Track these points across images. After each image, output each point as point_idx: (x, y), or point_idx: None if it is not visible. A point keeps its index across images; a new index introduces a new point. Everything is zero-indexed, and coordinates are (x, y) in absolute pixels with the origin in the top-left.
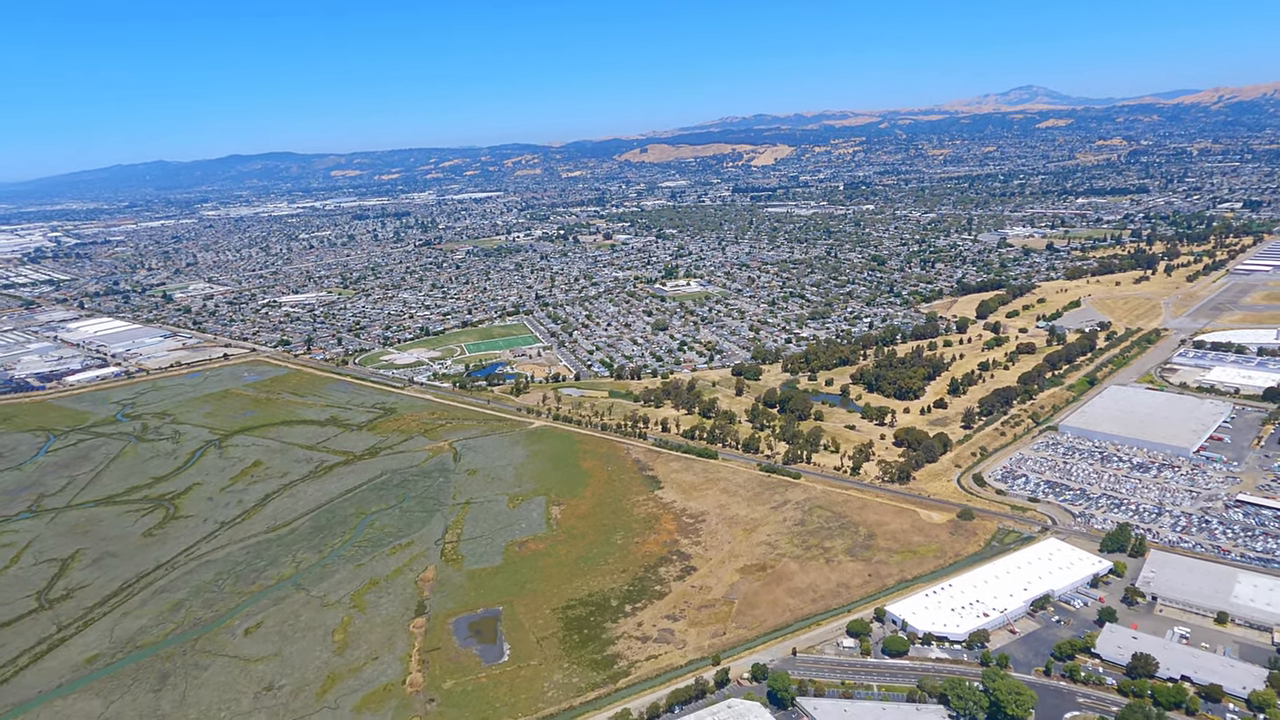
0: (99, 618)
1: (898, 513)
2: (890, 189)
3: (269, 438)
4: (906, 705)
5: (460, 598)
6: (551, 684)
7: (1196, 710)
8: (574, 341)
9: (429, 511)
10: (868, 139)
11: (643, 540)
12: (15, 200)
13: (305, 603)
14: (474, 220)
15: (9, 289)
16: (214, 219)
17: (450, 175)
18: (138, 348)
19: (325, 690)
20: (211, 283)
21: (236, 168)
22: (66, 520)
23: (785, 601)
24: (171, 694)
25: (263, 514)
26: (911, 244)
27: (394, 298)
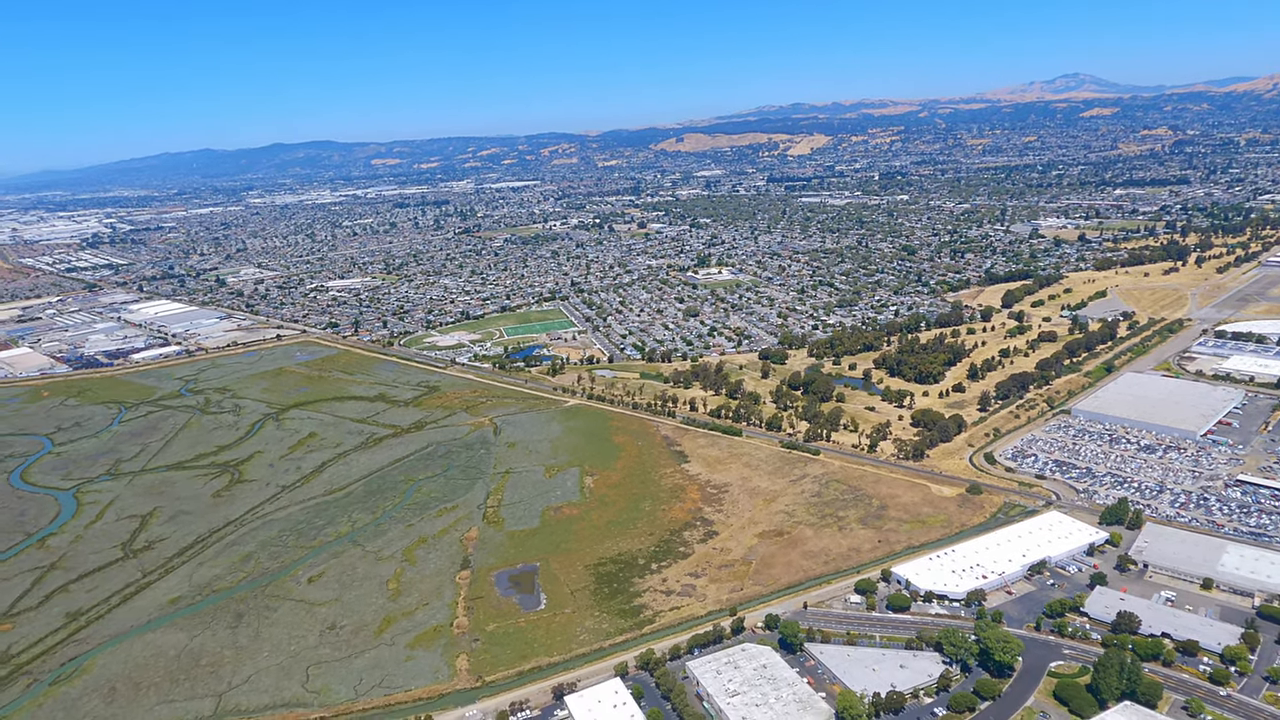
0: (178, 566)
1: (910, 487)
2: (926, 179)
3: (322, 412)
4: (905, 652)
5: (501, 554)
6: (583, 629)
7: (1172, 662)
8: (608, 326)
9: (471, 479)
10: (906, 128)
11: (669, 508)
12: (69, 187)
13: (361, 556)
14: (511, 209)
15: (72, 272)
16: (260, 206)
17: (488, 164)
18: (196, 328)
19: (382, 630)
20: (261, 268)
21: (280, 156)
22: (143, 482)
23: (799, 563)
24: (246, 630)
25: (320, 479)
26: (943, 234)
27: (435, 283)
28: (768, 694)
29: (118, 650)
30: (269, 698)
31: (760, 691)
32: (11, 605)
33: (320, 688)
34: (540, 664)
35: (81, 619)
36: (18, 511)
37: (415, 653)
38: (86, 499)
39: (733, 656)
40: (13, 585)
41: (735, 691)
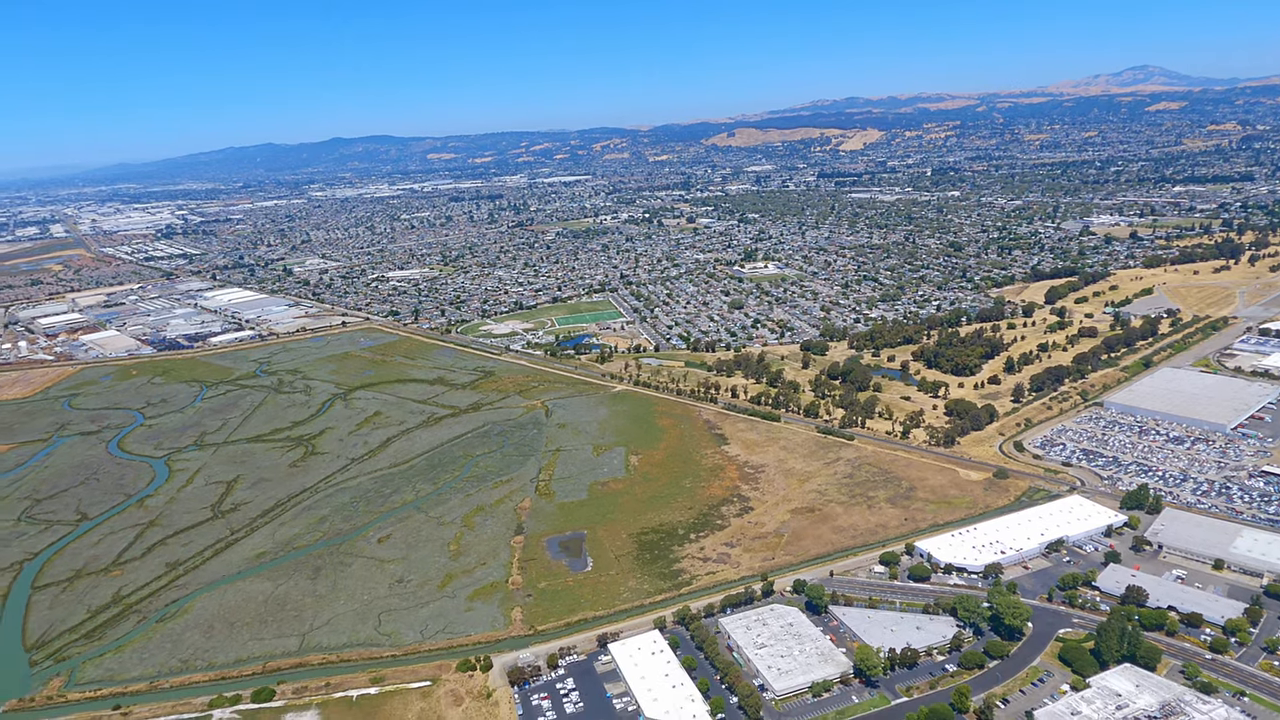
0: (261, 526)
1: (939, 471)
2: (979, 175)
3: (386, 393)
4: (922, 616)
5: (552, 522)
6: (626, 588)
7: (1175, 632)
8: (655, 317)
9: (525, 456)
10: (962, 123)
11: (708, 485)
12: (142, 180)
13: (425, 521)
14: (563, 203)
15: (149, 262)
16: (321, 200)
17: (540, 159)
18: (267, 315)
19: (444, 584)
20: (325, 258)
21: (339, 150)
22: (226, 453)
23: (828, 536)
24: (324, 581)
25: (385, 453)
26: (992, 231)
27: (490, 275)
28: (792, 647)
29: (213, 595)
30: (346, 638)
31: (785, 645)
32: (119, 555)
33: (390, 631)
34: (586, 617)
35: (180, 568)
36: (118, 476)
37: (474, 604)
38: (177, 466)
39: (762, 615)
40: (118, 539)
41: (763, 644)
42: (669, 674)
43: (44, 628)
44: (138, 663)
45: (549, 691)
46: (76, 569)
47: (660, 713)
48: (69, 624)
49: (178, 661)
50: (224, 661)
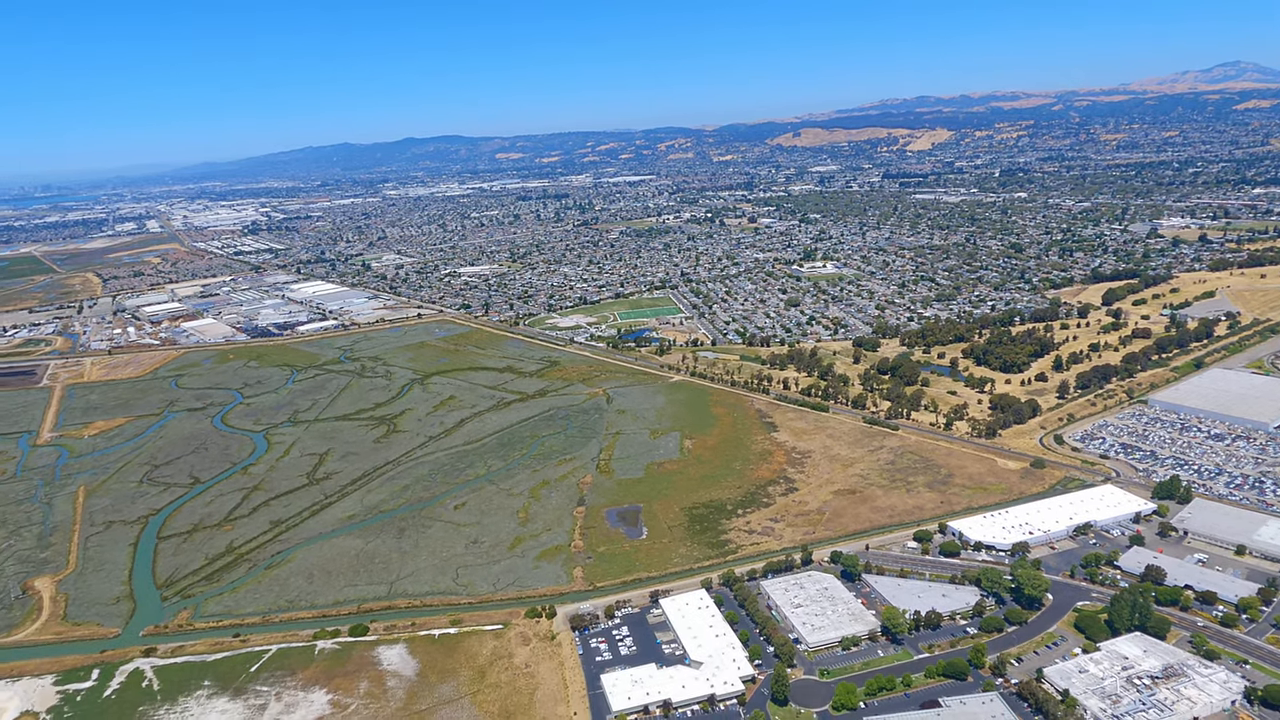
0: (351, 492)
1: (978, 460)
2: (1049, 176)
3: (459, 379)
4: (948, 585)
5: (611, 496)
6: (677, 554)
7: (1189, 607)
8: (712, 313)
9: (587, 438)
10: (1036, 122)
11: (757, 467)
12: (226, 178)
13: (496, 492)
14: (627, 203)
15: (238, 256)
16: (395, 198)
17: (605, 158)
18: (348, 306)
19: (514, 546)
20: (400, 254)
21: (411, 150)
22: (317, 429)
23: (867, 515)
24: (408, 540)
25: (459, 433)
26: (1056, 233)
27: (556, 271)
28: (826, 608)
29: (311, 549)
30: (428, 587)
31: (820, 605)
32: (229, 513)
33: (466, 582)
34: (640, 577)
35: (282, 526)
36: (224, 446)
37: (540, 564)
38: (275, 439)
39: (800, 580)
40: (228, 500)
41: (799, 604)
42: (713, 625)
43: (170, 570)
44: (251, 601)
45: (606, 637)
46: (194, 524)
47: (704, 656)
48: (191, 568)
49: (285, 601)
50: (324, 603)
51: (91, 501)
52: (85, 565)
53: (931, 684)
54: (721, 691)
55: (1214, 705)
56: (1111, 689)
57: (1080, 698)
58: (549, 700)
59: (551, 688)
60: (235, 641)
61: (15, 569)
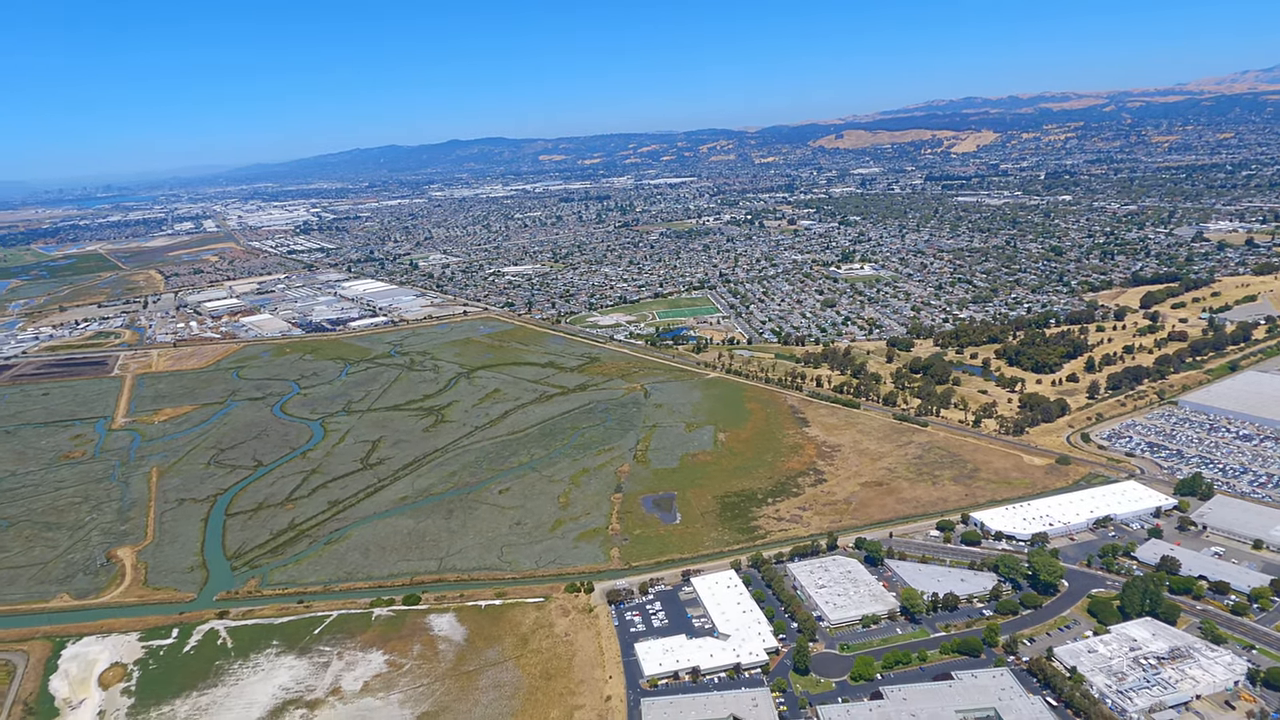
0: (402, 476)
1: (1004, 456)
2: (1096, 179)
3: (503, 373)
4: (967, 571)
5: (647, 484)
6: (709, 538)
7: (1201, 596)
8: (749, 313)
9: (625, 430)
10: (1085, 124)
11: (788, 460)
12: (277, 179)
13: (538, 479)
14: (668, 204)
15: (291, 255)
16: (441, 199)
17: (647, 160)
18: (397, 303)
19: (554, 528)
20: (446, 254)
21: (456, 152)
22: (369, 418)
23: (892, 506)
24: (456, 520)
25: (504, 423)
26: (1098, 236)
27: (597, 271)
28: (848, 589)
29: (366, 527)
30: (475, 563)
31: (842, 587)
32: (290, 493)
33: (510, 560)
34: (673, 557)
35: (339, 506)
36: (283, 433)
37: (579, 544)
38: (330, 427)
39: (824, 563)
40: (289, 481)
41: (823, 585)
42: (740, 602)
43: (238, 544)
44: (312, 572)
45: (640, 610)
46: (258, 502)
47: (731, 629)
48: (257, 542)
49: (343, 573)
50: (379, 575)
51: (164, 481)
52: (161, 537)
53: (946, 659)
54: (746, 661)
55: (1216, 684)
56: (1118, 667)
57: (1087, 674)
58: (586, 665)
59: (589, 654)
60: (299, 607)
61: (99, 539)
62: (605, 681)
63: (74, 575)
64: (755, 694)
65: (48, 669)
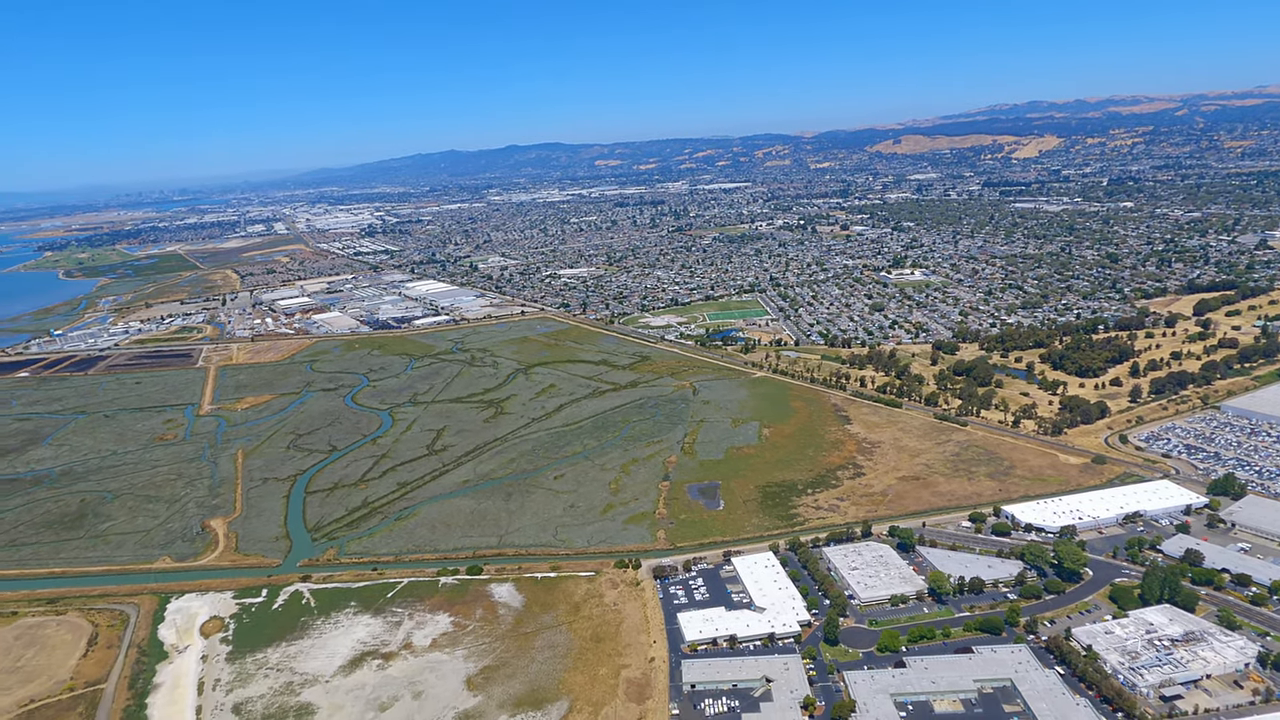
0: (465, 462)
1: (1040, 455)
2: (1161, 185)
3: (559, 370)
4: (995, 558)
5: (692, 474)
6: (749, 524)
7: (1222, 587)
8: (798, 315)
9: (673, 424)
10: (1154, 128)
11: (829, 454)
12: (342, 184)
13: (590, 467)
14: (721, 209)
15: (358, 256)
16: (499, 204)
17: (702, 165)
18: (458, 303)
19: (605, 511)
20: (504, 257)
21: (514, 157)
22: (434, 409)
23: (927, 498)
24: (514, 503)
25: (559, 416)
26: (1158, 243)
27: (650, 274)
28: (879, 571)
29: (432, 506)
30: (531, 540)
31: (874, 569)
32: (362, 475)
33: (564, 538)
34: (715, 540)
35: (407, 487)
36: (355, 421)
37: (628, 526)
38: (398, 416)
39: (858, 548)
40: (361, 464)
41: (855, 567)
42: (776, 581)
43: (317, 518)
44: (385, 544)
45: (683, 585)
46: (334, 482)
47: (767, 603)
48: (334, 517)
49: (412, 545)
50: (445, 548)
51: (249, 462)
52: (249, 511)
53: (968, 636)
54: (780, 631)
55: (1227, 666)
56: (1132, 647)
57: (1102, 652)
58: (632, 631)
59: (635, 621)
60: (373, 574)
61: (195, 511)
62: (649, 645)
63: (173, 541)
64: (787, 659)
65: (156, 619)
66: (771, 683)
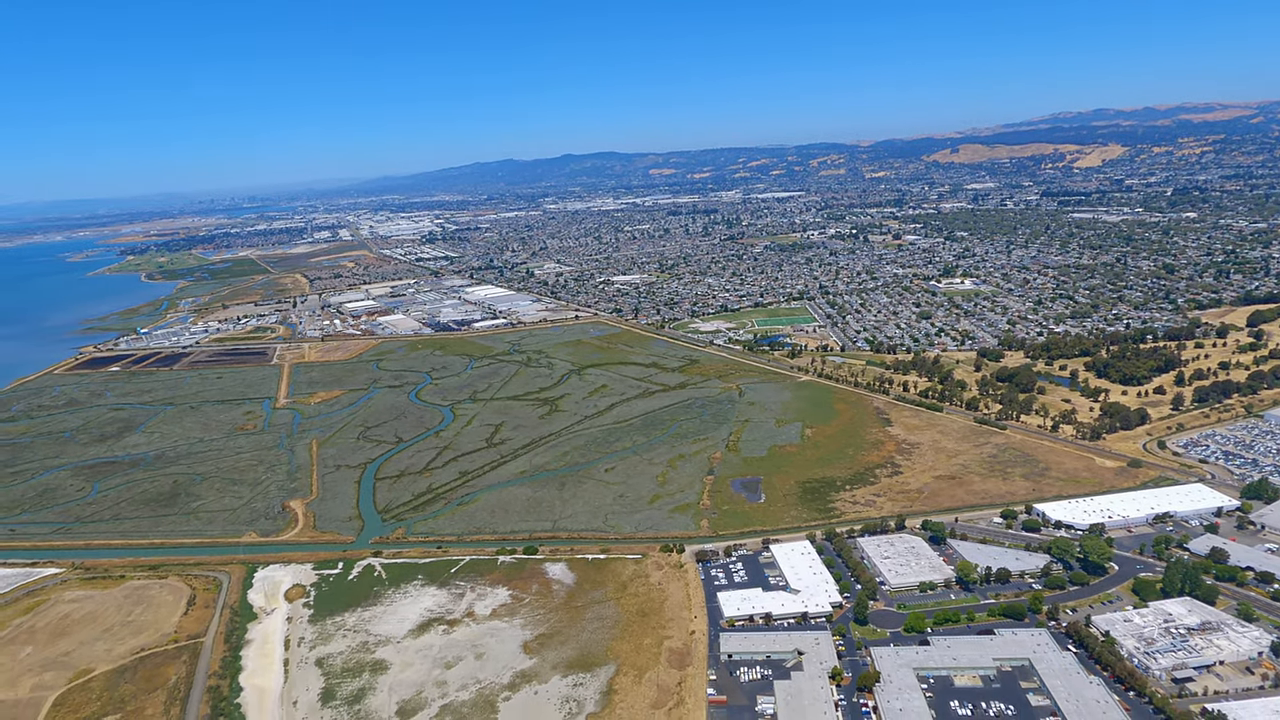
0: (521, 454)
1: (1077, 458)
2: (1228, 195)
3: (610, 371)
4: (1023, 551)
5: (736, 469)
6: (788, 515)
7: (1245, 583)
8: (845, 323)
9: (719, 423)
10: (1226, 136)
11: (868, 454)
12: (402, 191)
13: (639, 461)
14: (774, 218)
15: (419, 262)
16: (554, 212)
17: (756, 174)
18: (515, 307)
19: (652, 501)
20: (559, 263)
21: (569, 166)
22: (492, 406)
23: (961, 496)
24: (567, 491)
25: (610, 414)
26: (1217, 254)
27: (701, 282)
28: (910, 560)
29: (491, 494)
30: (583, 525)
31: (905, 559)
32: (426, 464)
33: (614, 525)
34: (755, 529)
35: (468, 476)
36: (419, 416)
37: (674, 515)
38: (459, 412)
39: (891, 539)
40: (425, 455)
41: (887, 556)
42: (811, 566)
43: (386, 501)
44: (448, 526)
45: (723, 569)
46: (401, 470)
47: (801, 586)
48: (401, 501)
49: (474, 528)
50: (503, 530)
51: (323, 450)
52: (324, 494)
53: (991, 621)
54: (813, 611)
55: (1240, 654)
56: (1149, 634)
57: (1119, 638)
58: (675, 607)
59: (678, 599)
60: (438, 552)
61: (276, 493)
62: (691, 620)
63: (258, 519)
64: (818, 635)
65: (245, 585)
66: (803, 655)
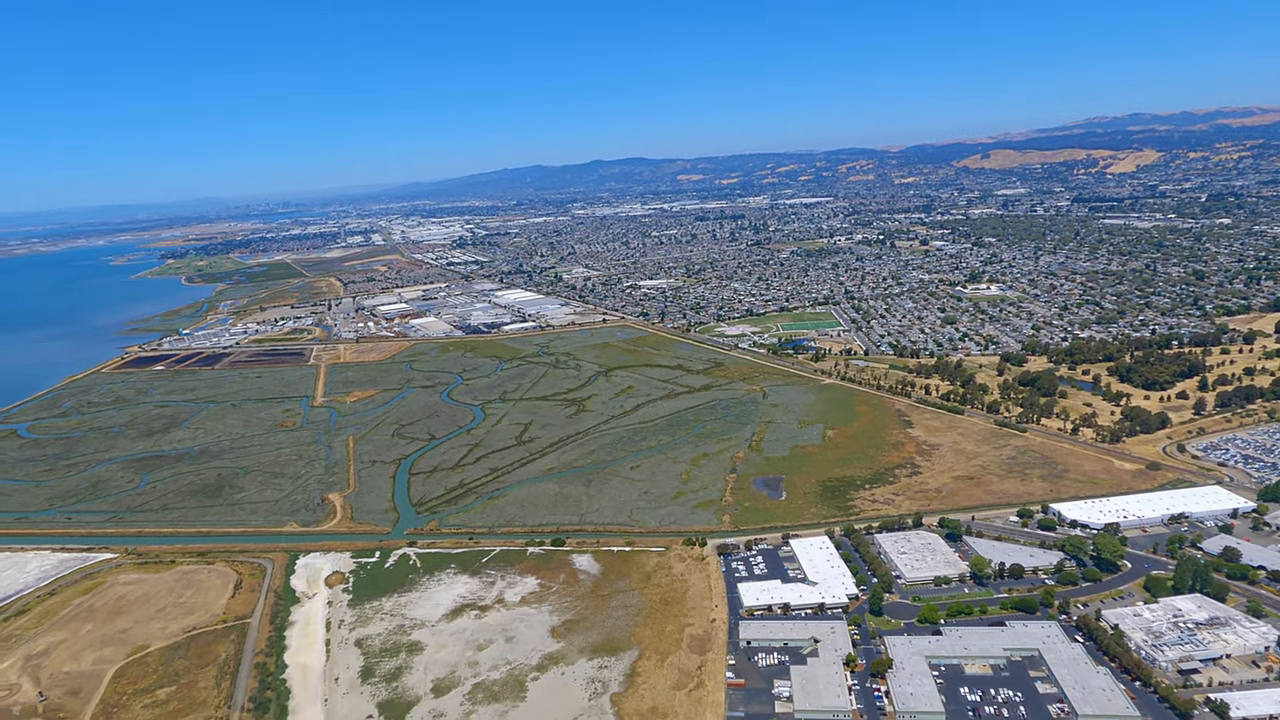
0: (550, 452)
1: (1096, 460)
2: (1265, 201)
3: (637, 373)
4: (1037, 549)
5: (758, 468)
6: (808, 512)
7: (1256, 581)
8: (870, 327)
9: (743, 424)
10: (1265, 142)
11: (888, 454)
12: (433, 197)
13: (664, 459)
14: (801, 224)
15: (450, 266)
16: (583, 217)
17: (784, 180)
18: (544, 310)
19: (676, 497)
20: (587, 268)
21: (598, 171)
22: (521, 406)
23: (979, 496)
24: (594, 488)
25: (636, 414)
26: (1249, 261)
27: (727, 286)
28: (925, 556)
29: (520, 489)
30: (609, 519)
31: (921, 554)
32: (458, 461)
33: (638, 519)
34: (776, 525)
35: (499, 471)
36: (451, 415)
37: (697, 511)
38: (489, 411)
39: (908, 536)
40: (457, 452)
41: (904, 552)
42: (829, 560)
43: (420, 495)
44: (479, 518)
45: (744, 562)
46: (434, 466)
47: (819, 579)
48: (434, 494)
49: (504, 520)
50: (532, 523)
51: (359, 447)
52: (361, 487)
53: (1003, 614)
54: (830, 602)
55: (1247, 648)
56: (1157, 629)
57: (1128, 632)
58: (697, 597)
59: (699, 590)
60: (470, 542)
61: (315, 486)
62: (712, 609)
63: (298, 511)
64: (833, 625)
65: (288, 571)
66: (818, 642)
